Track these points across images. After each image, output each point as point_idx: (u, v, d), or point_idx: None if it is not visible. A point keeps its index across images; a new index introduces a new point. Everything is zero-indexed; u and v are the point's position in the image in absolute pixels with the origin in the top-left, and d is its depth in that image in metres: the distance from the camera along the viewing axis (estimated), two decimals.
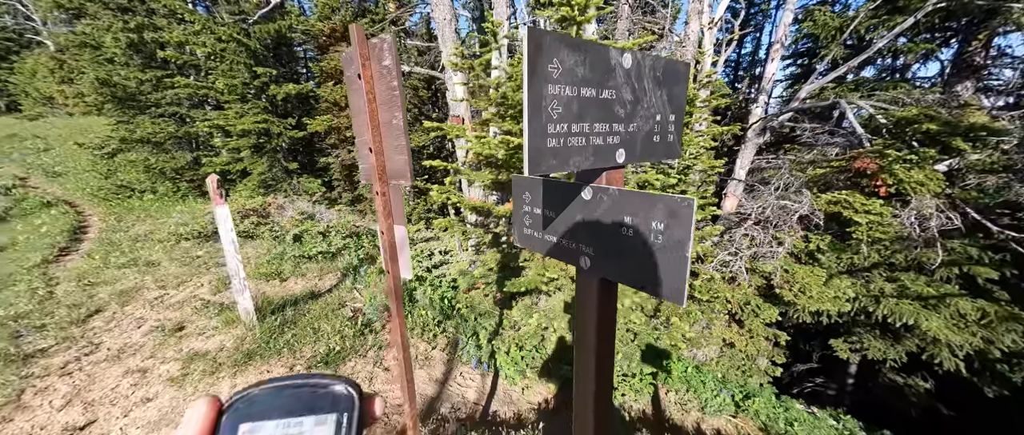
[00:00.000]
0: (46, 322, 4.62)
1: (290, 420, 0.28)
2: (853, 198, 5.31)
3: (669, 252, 0.63)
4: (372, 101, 1.78)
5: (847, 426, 6.25)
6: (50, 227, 9.52)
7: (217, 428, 0.26)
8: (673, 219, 0.62)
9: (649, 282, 0.67)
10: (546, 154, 0.60)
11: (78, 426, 3.13)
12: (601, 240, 0.76)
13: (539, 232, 0.93)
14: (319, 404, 0.29)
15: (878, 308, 6.67)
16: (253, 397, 0.28)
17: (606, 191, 0.73)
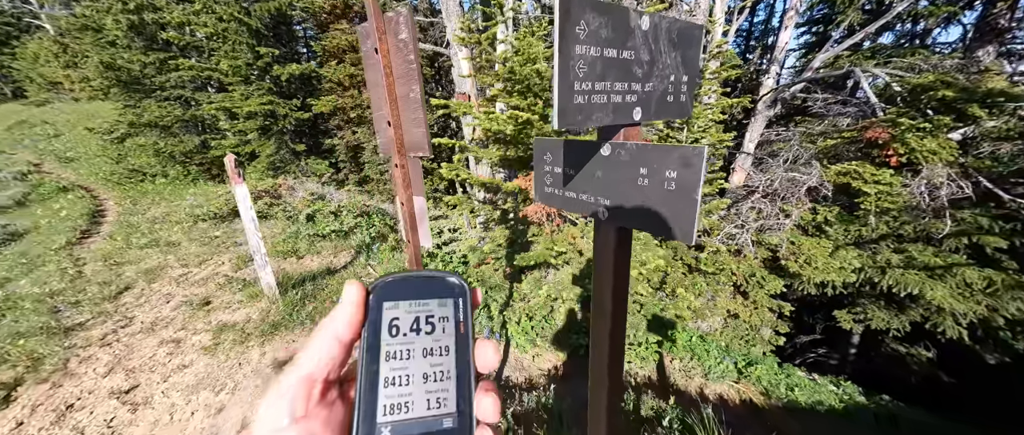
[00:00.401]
0: (80, 298, 4.88)
1: (419, 301, 0.34)
2: (863, 169, 5.28)
3: (680, 197, 0.71)
4: (389, 75, 1.83)
5: (846, 391, 6.45)
6: (69, 211, 9.80)
7: (367, 305, 0.33)
8: (686, 168, 0.70)
9: (662, 226, 0.76)
10: (573, 110, 0.68)
11: (123, 390, 3.39)
12: (618, 191, 0.84)
13: (559, 189, 1.01)
14: (439, 290, 0.35)
15: (883, 278, 6.73)
16: (389, 283, 0.34)
17: (624, 146, 0.81)
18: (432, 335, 0.33)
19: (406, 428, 0.30)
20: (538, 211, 4.75)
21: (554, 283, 4.89)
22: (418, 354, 0.33)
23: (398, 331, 0.32)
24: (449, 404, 0.32)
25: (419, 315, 0.34)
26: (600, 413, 1.13)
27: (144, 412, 3.19)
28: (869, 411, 6.07)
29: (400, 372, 0.32)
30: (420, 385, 0.32)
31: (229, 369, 3.57)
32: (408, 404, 0.31)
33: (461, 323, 0.34)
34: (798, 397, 5.65)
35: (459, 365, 0.33)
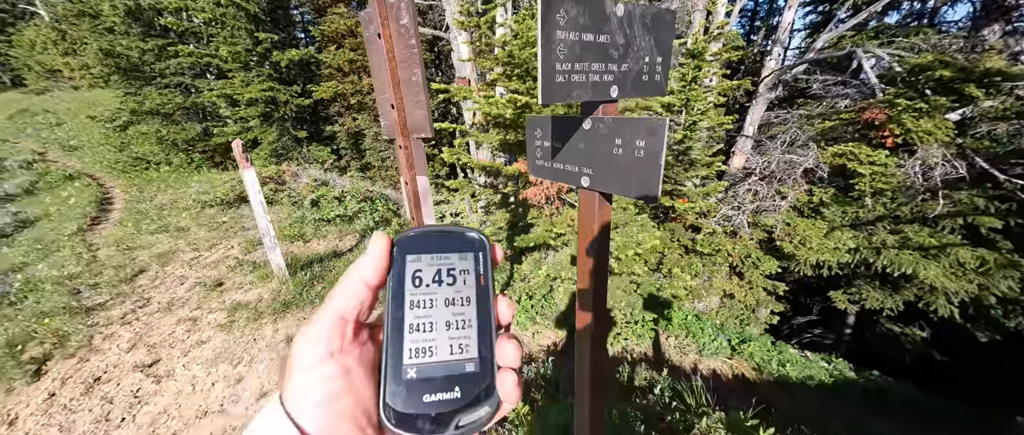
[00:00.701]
0: (98, 281, 5.07)
1: (441, 254, 0.35)
2: (859, 150, 5.33)
3: (648, 162, 0.83)
4: (392, 59, 1.92)
5: (837, 367, 6.66)
6: (77, 199, 9.97)
7: (392, 257, 0.34)
8: (652, 136, 0.82)
9: (633, 188, 0.88)
10: (555, 88, 0.79)
11: (146, 364, 3.60)
12: (598, 160, 0.96)
13: (549, 162, 1.13)
14: (460, 244, 0.36)
15: (878, 259, 6.85)
16: (411, 237, 0.35)
17: (602, 120, 0.93)
18: (453, 286, 0.34)
19: (431, 370, 0.32)
20: (538, 194, 4.87)
21: (553, 264, 5.04)
22: (440, 303, 0.34)
23: (421, 282, 0.34)
24: (471, 350, 0.33)
25: (441, 267, 0.35)
26: (585, 356, 1.28)
27: (167, 383, 3.40)
28: (858, 386, 6.29)
29: (424, 319, 0.33)
30: (443, 332, 0.33)
31: (245, 344, 3.77)
32: (432, 349, 0.32)
33: (481, 276, 0.35)
34: (789, 372, 5.86)
35: (480, 315, 0.34)
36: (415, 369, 0.32)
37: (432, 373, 0.32)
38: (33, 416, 3.19)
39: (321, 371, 0.29)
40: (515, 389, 0.33)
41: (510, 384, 0.33)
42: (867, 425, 4.64)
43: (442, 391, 0.31)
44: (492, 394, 0.32)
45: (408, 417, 0.30)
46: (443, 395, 0.31)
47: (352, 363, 0.31)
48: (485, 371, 0.33)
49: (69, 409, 3.24)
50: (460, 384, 0.32)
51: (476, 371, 0.33)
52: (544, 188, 4.89)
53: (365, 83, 10.92)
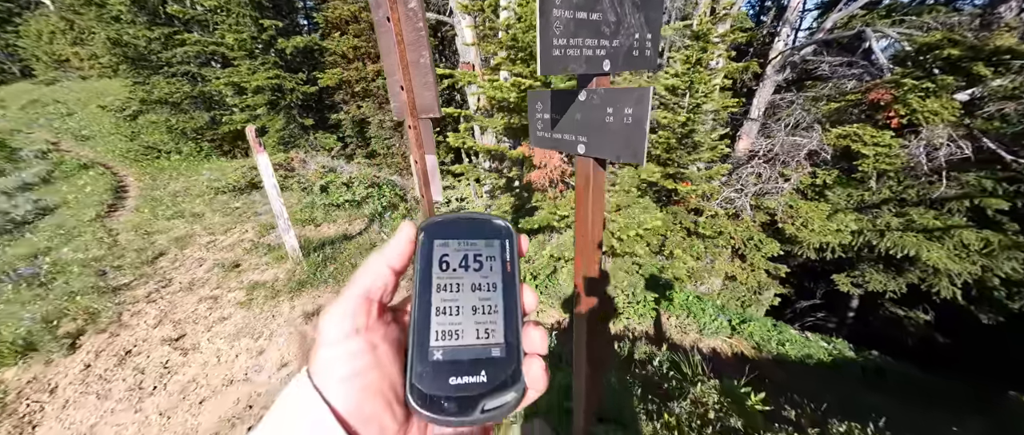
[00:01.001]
0: (121, 263, 5.31)
1: (468, 240, 0.35)
2: (863, 131, 5.32)
3: (635, 128, 0.94)
4: (401, 42, 2.02)
5: (837, 347, 6.78)
6: (93, 187, 10.24)
7: (418, 242, 0.35)
8: (638, 104, 0.92)
9: (622, 151, 0.99)
10: (552, 61, 0.90)
11: (173, 338, 3.83)
12: (592, 128, 1.07)
13: (548, 132, 1.24)
14: (486, 231, 0.36)
15: (882, 241, 6.88)
16: (439, 222, 0.36)
17: (596, 91, 1.03)
18: (480, 272, 0.34)
19: (457, 353, 0.32)
20: (542, 177, 4.96)
21: (558, 245, 5.17)
22: (467, 288, 0.34)
23: (448, 266, 0.34)
24: (497, 335, 0.33)
25: (467, 253, 0.35)
26: (582, 306, 1.41)
27: (194, 355, 3.62)
28: (857, 365, 6.41)
29: (450, 303, 0.33)
30: (469, 316, 0.33)
31: (264, 320, 3.97)
32: (458, 332, 0.33)
33: (507, 263, 0.35)
34: (788, 351, 5.99)
35: (506, 301, 0.34)
36: (441, 351, 0.32)
37: (458, 356, 0.32)
38: (71, 385, 3.44)
39: (347, 347, 0.30)
40: (542, 376, 0.33)
41: (537, 370, 0.33)
42: (862, 399, 4.77)
43: (468, 374, 0.32)
44: (519, 380, 0.32)
45: (434, 398, 0.30)
46: (469, 378, 0.31)
47: (378, 340, 0.31)
48: (511, 357, 0.33)
49: (104, 379, 3.48)
50: (486, 368, 0.32)
51: (502, 356, 0.33)
52: (548, 171, 4.98)
53: (370, 69, 10.95)
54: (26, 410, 3.22)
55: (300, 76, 11.68)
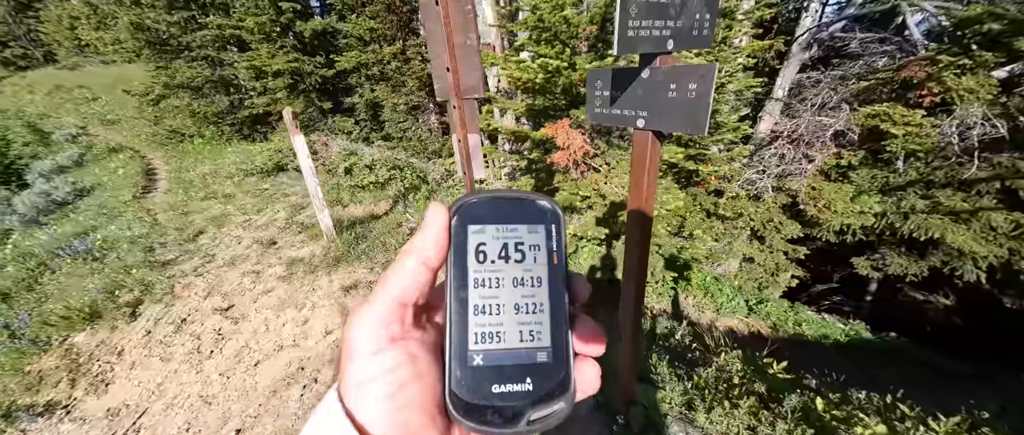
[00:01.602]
0: (165, 240, 5.64)
1: (507, 225, 0.31)
2: (893, 110, 5.21)
3: (698, 101, 1.04)
4: (448, 25, 2.11)
5: (854, 328, 6.82)
6: (125, 170, 10.67)
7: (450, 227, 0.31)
8: (702, 80, 1.02)
9: (685, 124, 1.10)
10: (627, 42, 1.00)
11: (223, 308, 4.12)
12: (654, 104, 1.17)
13: (606, 108, 1.35)
14: (529, 215, 0.32)
15: (905, 224, 6.80)
16: (473, 204, 0.31)
17: (660, 69, 1.13)
18: (522, 264, 0.31)
19: (498, 358, 0.29)
20: (564, 158, 5.04)
21: (580, 225, 5.29)
22: (508, 283, 0.30)
23: (485, 258, 0.30)
24: (543, 338, 0.30)
25: (507, 241, 0.31)
26: (631, 273, 1.54)
27: (244, 324, 3.91)
28: (874, 345, 6.47)
29: (490, 300, 0.30)
30: (511, 315, 0.30)
31: (305, 292, 4.24)
32: (500, 334, 0.30)
33: (554, 253, 0.31)
34: (805, 331, 6.08)
35: (553, 298, 0.31)
36: (482, 356, 0.29)
37: (500, 360, 0.29)
38: (136, 349, 3.77)
39: (384, 361, 0.27)
40: (595, 380, 0.31)
41: (591, 375, 0.31)
42: (878, 376, 4.87)
43: (512, 382, 0.29)
44: (568, 389, 0.29)
45: (477, 408, 0.28)
46: (513, 386, 0.29)
47: (415, 348, 0.28)
48: (559, 362, 0.30)
49: (165, 344, 3.80)
50: (532, 375, 0.29)
51: (549, 362, 0.30)
52: (571, 153, 5.05)
53: (386, 52, 10.97)
54: (99, 370, 3.56)
55: (318, 59, 11.78)
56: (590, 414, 2.08)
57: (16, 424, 3.07)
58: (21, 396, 3.33)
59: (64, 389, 3.38)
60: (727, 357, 2.82)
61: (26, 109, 18.89)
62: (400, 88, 11.99)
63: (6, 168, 12.57)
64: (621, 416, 2.00)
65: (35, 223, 8.44)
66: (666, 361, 2.58)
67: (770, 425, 1.93)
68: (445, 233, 0.30)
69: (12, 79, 24.56)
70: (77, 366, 3.60)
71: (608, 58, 4.56)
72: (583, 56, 4.75)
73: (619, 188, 5.18)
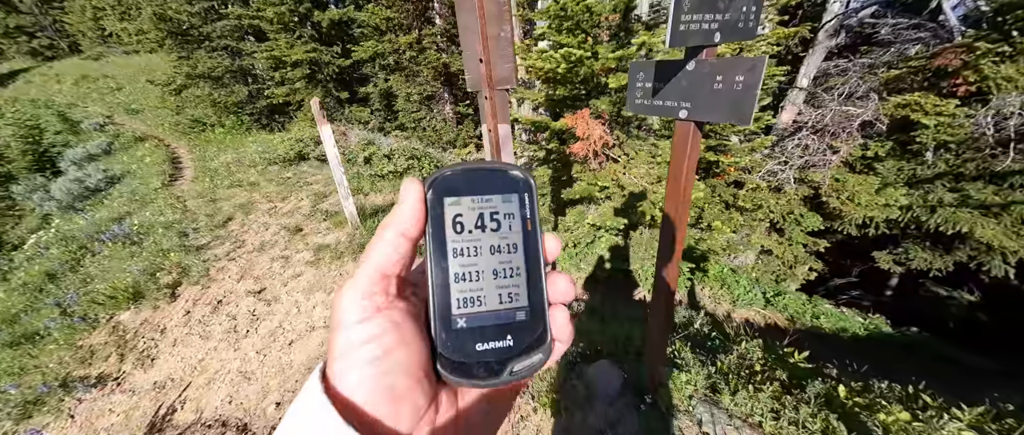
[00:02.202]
0: (197, 226, 5.88)
1: (483, 196, 0.33)
2: (925, 100, 5.05)
3: (745, 93, 1.09)
4: (482, 17, 2.15)
5: (874, 322, 6.75)
6: (151, 158, 11.03)
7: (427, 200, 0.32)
8: (751, 71, 1.06)
9: (729, 115, 1.14)
10: (679, 35, 1.05)
11: (255, 291, 4.32)
12: (698, 95, 1.21)
13: (648, 100, 1.39)
14: (502, 184, 0.33)
15: (932, 217, 6.63)
16: (447, 177, 0.32)
17: (706, 62, 1.17)
18: (498, 232, 0.33)
19: (480, 320, 0.31)
20: (584, 149, 5.06)
21: (598, 214, 5.33)
22: (486, 251, 0.32)
23: (463, 228, 0.32)
24: (520, 299, 0.32)
25: (483, 211, 0.32)
26: (664, 271, 1.60)
27: (276, 306, 4.10)
28: (894, 339, 6.40)
29: (470, 268, 0.32)
30: (490, 281, 0.32)
31: (333, 277, 4.40)
32: (480, 298, 0.32)
33: (528, 220, 0.33)
34: (823, 324, 6.04)
35: (529, 262, 0.33)
36: (465, 319, 0.31)
37: (482, 322, 0.31)
38: (177, 328, 3.99)
39: (370, 328, 0.28)
40: (567, 324, 0.33)
41: (562, 319, 0.33)
42: (898, 369, 4.83)
43: (494, 340, 0.31)
44: (545, 341, 0.32)
45: (463, 365, 0.30)
46: (496, 343, 0.31)
47: (400, 317, 0.29)
48: (536, 319, 0.32)
49: (203, 323, 4.01)
50: (512, 333, 0.32)
51: (527, 320, 0.32)
52: (590, 143, 5.06)
53: (402, 41, 10.99)
54: (144, 346, 3.79)
55: (335, 49, 11.88)
56: (618, 395, 2.17)
57: (73, 394, 3.31)
58: (75, 368, 3.58)
59: (114, 363, 3.62)
60: (748, 345, 2.87)
61: (55, 99, 19.55)
62: (414, 78, 12.04)
63: (40, 156, 13.12)
64: (649, 396, 2.09)
65: (72, 209, 8.84)
66: (689, 347, 2.65)
67: (793, 409, 1.99)
68: (421, 204, 0.31)
69: (40, 69, 25.38)
70: (124, 342, 3.84)
71: (631, 47, 4.52)
72: (605, 45, 4.72)
73: (638, 179, 5.18)
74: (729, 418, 2.00)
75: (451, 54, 11.65)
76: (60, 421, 3.09)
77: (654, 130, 5.91)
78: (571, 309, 4.37)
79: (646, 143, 5.46)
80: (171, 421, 3.02)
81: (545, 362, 0.32)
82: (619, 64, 4.62)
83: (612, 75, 4.52)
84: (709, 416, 1.99)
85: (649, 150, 5.36)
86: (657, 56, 4.80)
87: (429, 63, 11.17)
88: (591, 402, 2.23)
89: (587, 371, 2.35)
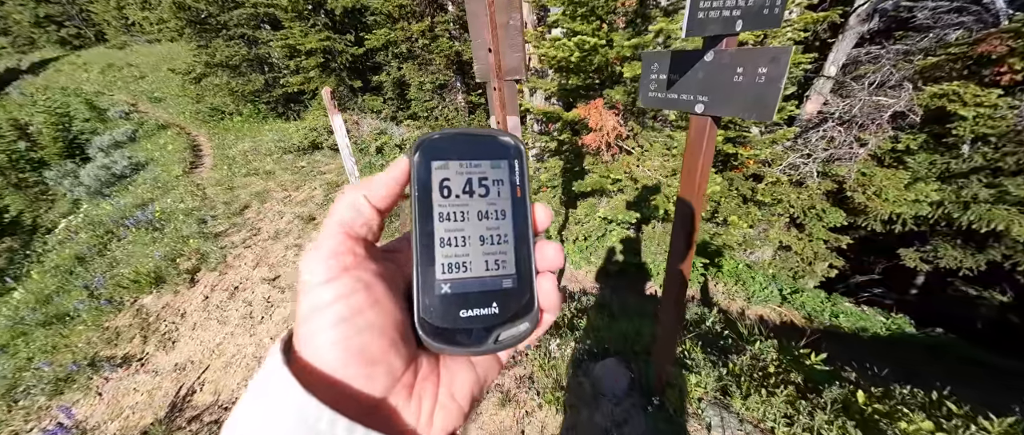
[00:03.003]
0: (215, 213, 6.03)
1: (471, 161, 0.32)
2: (965, 89, 4.73)
3: (768, 86, 1.01)
4: (491, 5, 2.08)
5: (896, 322, 6.51)
6: (173, 146, 11.32)
7: (414, 164, 0.31)
8: (773, 63, 0.98)
9: (749, 110, 1.06)
10: (697, 24, 0.97)
11: (270, 278, 4.42)
12: (716, 88, 1.14)
13: (662, 92, 1.31)
14: (492, 150, 0.33)
15: (964, 214, 6.30)
16: (435, 140, 0.32)
17: (726, 52, 1.09)
18: (486, 198, 0.32)
19: (465, 286, 0.30)
20: (596, 140, 4.94)
21: (610, 208, 5.23)
22: (473, 216, 0.31)
23: (450, 192, 0.31)
24: (508, 266, 0.32)
25: (471, 176, 0.32)
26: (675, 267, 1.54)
27: (289, 293, 4.19)
28: (918, 340, 6.17)
29: (456, 233, 0.31)
30: (477, 246, 0.31)
31: None
32: (466, 264, 0.31)
33: (517, 187, 0.33)
34: (842, 323, 5.86)
35: (517, 229, 0.32)
36: (449, 284, 0.30)
37: (467, 288, 0.31)
38: (197, 312, 4.13)
39: (337, 288, 0.26)
40: (554, 293, 0.32)
41: (549, 287, 0.32)
42: (922, 372, 4.66)
43: (479, 307, 0.30)
44: (532, 310, 0.31)
45: (446, 331, 0.29)
46: (481, 310, 0.30)
47: (370, 277, 0.27)
48: (523, 287, 0.32)
49: (221, 308, 4.13)
50: (498, 300, 0.31)
51: (513, 287, 0.31)
52: (603, 134, 4.94)
53: (414, 29, 10.89)
54: (166, 329, 3.94)
55: (348, 37, 11.86)
56: (625, 394, 2.14)
57: (100, 372, 3.47)
58: (103, 348, 3.75)
59: (137, 344, 3.78)
60: (762, 346, 2.78)
61: (83, 87, 20.21)
62: (427, 66, 11.95)
63: (70, 142, 13.65)
64: (656, 397, 2.05)
65: (99, 194, 9.19)
66: (699, 347, 2.58)
67: (808, 414, 1.92)
68: (398, 185, 0.30)
69: (69, 58, 26.23)
70: (147, 325, 4.00)
71: (647, 35, 4.36)
72: (620, 32, 4.56)
73: (652, 171, 5.05)
74: (740, 423, 1.95)
75: (464, 42, 11.50)
76: (89, 398, 3.25)
77: (670, 121, 5.73)
78: (575, 298, 4.36)
79: (661, 134, 5.30)
80: (191, 402, 3.14)
81: (532, 331, 0.31)
82: (635, 52, 4.46)
83: (627, 64, 4.37)
84: (719, 420, 1.94)
85: (664, 142, 5.20)
86: (676, 44, 4.61)
87: (441, 51, 11.06)
88: (597, 400, 2.21)
89: (594, 369, 2.32)
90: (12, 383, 3.43)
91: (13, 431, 3.03)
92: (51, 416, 3.08)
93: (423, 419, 0.28)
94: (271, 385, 0.24)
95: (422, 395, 0.29)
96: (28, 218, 11.25)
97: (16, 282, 6.96)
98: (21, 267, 8.54)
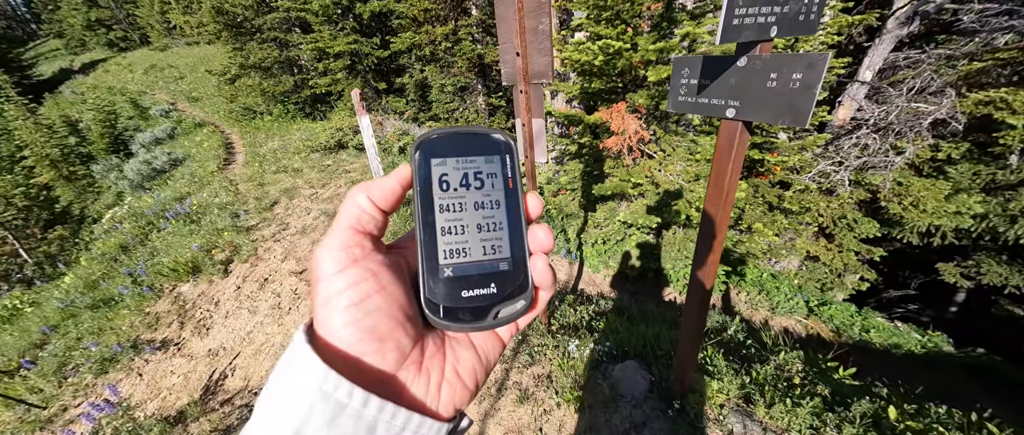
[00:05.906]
0: (247, 208, 6.32)
1: (466, 157, 0.35)
2: (1014, 96, 4.47)
3: (802, 92, 1.01)
4: (520, 9, 2.13)
5: (933, 340, 6.18)
6: (209, 143, 11.88)
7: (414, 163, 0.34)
8: (810, 68, 0.99)
9: (782, 115, 1.07)
10: (732, 30, 0.99)
11: (298, 271, 4.59)
12: (749, 93, 1.15)
13: (692, 97, 1.33)
14: (485, 147, 0.36)
15: (1012, 228, 5.93)
16: (433, 140, 0.35)
17: (759, 57, 1.10)
18: (482, 190, 0.35)
19: (465, 269, 0.33)
20: (618, 143, 4.92)
21: (630, 212, 5.19)
22: (470, 207, 0.34)
23: (448, 186, 0.34)
24: (503, 251, 0.34)
25: (467, 171, 0.35)
26: (700, 272, 1.54)
27: None
28: (956, 360, 5.84)
29: (455, 222, 0.34)
30: (475, 234, 0.34)
31: None
32: (465, 250, 0.34)
33: (509, 179, 0.36)
34: (873, 338, 5.61)
35: (510, 217, 0.35)
36: (451, 268, 0.33)
37: (467, 271, 0.33)
38: (229, 301, 4.33)
39: (348, 276, 0.29)
40: (546, 271, 0.35)
41: (541, 266, 0.35)
42: (960, 393, 4.41)
43: (479, 288, 0.33)
44: (527, 289, 0.34)
45: (449, 309, 0.32)
46: (480, 290, 0.33)
47: (377, 267, 0.30)
48: (518, 269, 0.34)
49: (251, 298, 4.33)
50: (496, 281, 0.34)
51: (509, 269, 0.34)
52: (624, 138, 4.92)
53: (438, 32, 11.11)
54: (201, 316, 4.15)
55: (374, 41, 12.20)
56: (644, 398, 2.14)
57: (141, 354, 3.70)
58: (144, 332, 3.99)
59: (175, 330, 4.00)
60: (787, 356, 2.72)
61: (128, 87, 21.48)
62: (449, 69, 12.15)
63: (115, 139, 14.54)
64: (677, 401, 2.04)
65: (141, 188, 9.75)
66: (721, 354, 2.55)
67: (836, 428, 1.87)
68: (401, 189, 0.33)
69: (115, 59, 27.93)
70: (184, 311, 4.23)
71: (673, 38, 4.32)
72: (645, 36, 4.54)
73: (674, 176, 4.99)
74: (763, 431, 1.92)
75: (486, 45, 11.64)
76: (131, 378, 3.47)
77: (694, 126, 5.65)
78: (593, 301, 4.35)
79: (685, 139, 5.23)
80: (223, 386, 3.30)
81: (528, 308, 0.34)
82: (659, 56, 4.43)
83: (651, 68, 4.35)
84: (741, 427, 1.91)
85: (688, 146, 5.13)
86: (701, 48, 4.55)
87: (464, 54, 11.23)
88: (616, 402, 2.21)
89: (613, 371, 2.32)
90: (63, 360, 3.69)
91: (62, 405, 3.26)
92: (98, 393, 3.30)
93: (431, 393, 0.31)
94: (296, 361, 0.27)
95: (430, 371, 0.32)
96: (77, 209, 12.06)
97: (66, 267, 7.48)
98: (70, 254, 9.15)
